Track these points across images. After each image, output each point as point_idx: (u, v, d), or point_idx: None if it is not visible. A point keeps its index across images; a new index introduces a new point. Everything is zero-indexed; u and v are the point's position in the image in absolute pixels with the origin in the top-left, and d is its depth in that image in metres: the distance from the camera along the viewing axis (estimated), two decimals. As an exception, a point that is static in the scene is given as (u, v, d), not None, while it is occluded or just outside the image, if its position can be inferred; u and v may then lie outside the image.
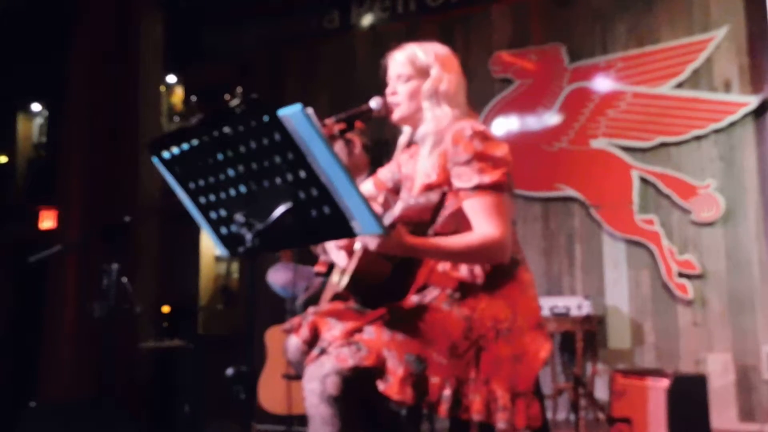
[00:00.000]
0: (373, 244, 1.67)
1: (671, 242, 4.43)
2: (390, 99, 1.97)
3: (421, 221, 1.79)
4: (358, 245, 1.82)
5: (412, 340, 1.69)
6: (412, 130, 2.02)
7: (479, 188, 1.76)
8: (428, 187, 1.86)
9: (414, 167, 2.00)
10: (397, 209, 1.77)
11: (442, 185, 1.84)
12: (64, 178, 5.32)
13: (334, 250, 1.97)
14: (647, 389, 3.48)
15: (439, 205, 1.83)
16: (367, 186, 2.18)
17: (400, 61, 1.96)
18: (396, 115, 1.98)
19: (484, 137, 1.80)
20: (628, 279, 4.56)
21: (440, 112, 1.90)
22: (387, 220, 1.73)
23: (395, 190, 2.10)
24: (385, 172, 2.16)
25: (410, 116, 1.97)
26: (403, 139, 2.08)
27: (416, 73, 1.93)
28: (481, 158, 1.78)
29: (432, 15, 5.44)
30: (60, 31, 5.56)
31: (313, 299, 3.56)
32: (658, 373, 3.57)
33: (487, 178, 1.76)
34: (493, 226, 1.75)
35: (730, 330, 4.24)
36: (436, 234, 1.83)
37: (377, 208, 1.85)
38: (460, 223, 1.81)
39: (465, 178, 1.78)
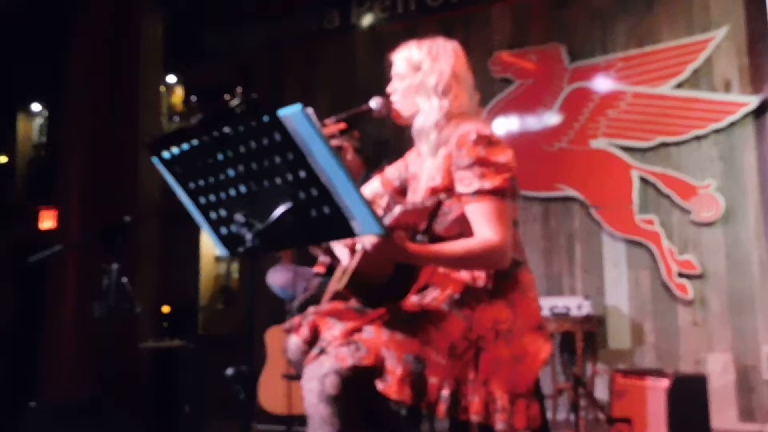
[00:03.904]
0: (370, 246, 1.66)
1: (671, 242, 4.43)
2: (390, 98, 1.98)
3: (415, 227, 1.76)
4: (359, 245, 1.82)
5: (411, 340, 1.68)
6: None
7: (480, 193, 1.76)
8: (433, 191, 1.86)
9: (421, 166, 1.99)
10: (396, 212, 1.75)
11: (447, 188, 1.83)
12: (64, 178, 5.32)
13: (338, 247, 1.97)
14: (647, 389, 3.48)
15: (434, 211, 1.82)
16: (374, 184, 2.18)
17: (397, 60, 1.98)
18: (397, 117, 1.99)
19: (489, 142, 1.79)
20: (628, 279, 4.56)
21: (428, 106, 1.90)
22: (386, 221, 1.71)
23: (402, 189, 2.10)
24: (392, 171, 2.15)
25: (409, 114, 1.97)
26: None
27: (410, 71, 1.94)
28: (483, 163, 1.77)
29: (432, 15, 5.44)
30: (60, 31, 5.55)
31: (311, 300, 3.56)
32: (658, 373, 3.57)
33: (488, 184, 1.75)
34: (493, 231, 1.74)
35: (730, 330, 4.24)
36: (440, 238, 1.83)
37: (379, 210, 1.85)
38: (464, 227, 1.80)
39: (466, 182, 1.78)
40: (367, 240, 1.66)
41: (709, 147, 4.41)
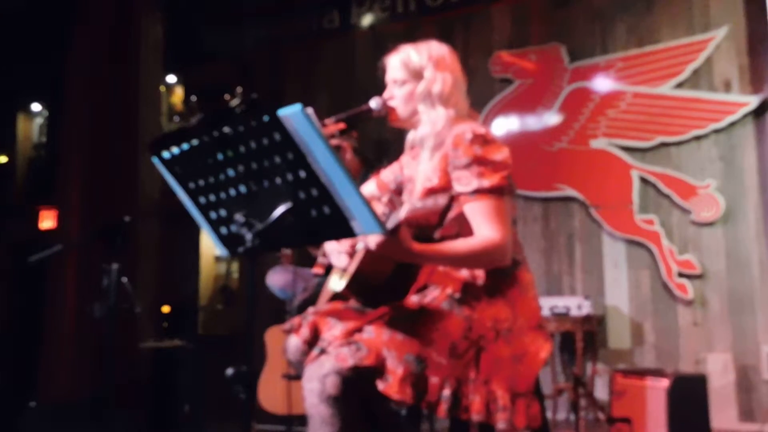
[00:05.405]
0: (375, 244, 1.66)
1: (671, 242, 4.43)
2: (388, 104, 1.98)
3: (427, 224, 1.77)
4: (360, 246, 1.82)
5: (411, 339, 1.68)
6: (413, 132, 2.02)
7: (479, 192, 1.76)
8: (430, 191, 1.86)
9: (415, 169, 1.99)
10: (403, 212, 1.75)
11: (444, 188, 1.83)
12: (64, 178, 5.33)
13: (335, 254, 1.96)
14: (647, 389, 3.48)
15: (447, 208, 1.81)
16: (369, 187, 2.18)
17: (394, 65, 1.96)
18: (394, 120, 1.99)
19: (485, 141, 1.79)
20: (628, 279, 4.56)
21: (434, 114, 1.89)
22: (392, 222, 1.70)
23: (398, 192, 2.10)
24: (388, 174, 2.15)
25: (408, 120, 1.97)
26: (410, 137, 2.07)
27: (410, 77, 1.93)
28: (481, 162, 1.77)
29: (432, 15, 5.44)
30: (60, 31, 5.56)
31: (310, 301, 3.56)
32: (658, 373, 3.57)
33: (487, 182, 1.76)
34: (493, 229, 1.74)
35: (730, 330, 4.23)
36: (440, 237, 1.83)
37: (380, 207, 1.85)
38: (462, 226, 1.80)
39: (464, 181, 1.78)
40: (371, 239, 1.65)
41: (709, 147, 4.42)
